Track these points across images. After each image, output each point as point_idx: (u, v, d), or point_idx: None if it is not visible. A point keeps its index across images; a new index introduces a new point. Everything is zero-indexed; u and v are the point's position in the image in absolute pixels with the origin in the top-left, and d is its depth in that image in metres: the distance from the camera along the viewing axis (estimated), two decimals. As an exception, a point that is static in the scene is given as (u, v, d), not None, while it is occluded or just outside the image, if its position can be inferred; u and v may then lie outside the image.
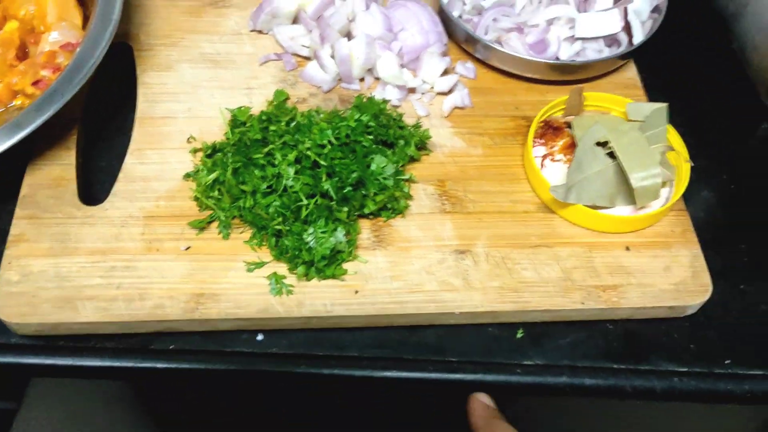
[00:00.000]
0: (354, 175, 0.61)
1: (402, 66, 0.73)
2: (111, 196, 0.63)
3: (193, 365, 0.57)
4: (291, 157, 0.59)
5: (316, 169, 0.61)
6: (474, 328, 0.61)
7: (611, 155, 0.64)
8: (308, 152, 0.60)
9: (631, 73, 0.78)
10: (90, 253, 0.59)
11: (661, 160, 0.64)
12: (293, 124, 0.64)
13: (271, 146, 0.61)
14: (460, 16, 0.77)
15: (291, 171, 0.59)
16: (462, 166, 0.68)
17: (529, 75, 0.74)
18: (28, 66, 0.67)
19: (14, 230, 0.60)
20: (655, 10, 0.77)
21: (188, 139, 0.67)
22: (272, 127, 0.63)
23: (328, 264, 0.59)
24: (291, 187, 0.59)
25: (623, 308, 0.60)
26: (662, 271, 0.62)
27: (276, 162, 0.60)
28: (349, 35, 0.73)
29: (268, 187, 0.59)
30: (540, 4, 0.75)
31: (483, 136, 0.71)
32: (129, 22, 0.76)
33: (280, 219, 0.58)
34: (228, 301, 0.58)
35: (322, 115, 0.66)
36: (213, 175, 0.61)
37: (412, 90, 0.73)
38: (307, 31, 0.74)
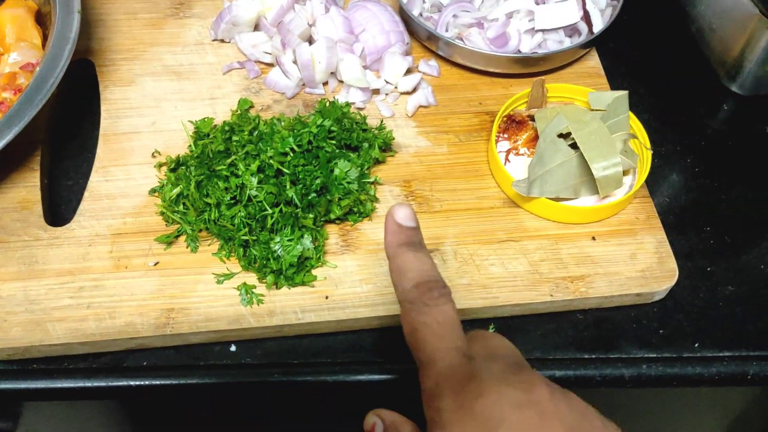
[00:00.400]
0: (318, 181, 0.61)
1: (365, 67, 0.74)
2: (77, 216, 0.63)
3: (167, 381, 0.57)
4: (254, 166, 0.59)
5: (280, 177, 0.61)
6: (446, 326, 0.61)
7: (574, 146, 0.64)
8: (271, 161, 0.60)
9: (593, 62, 0.78)
10: (58, 274, 0.59)
11: (623, 148, 0.64)
12: (255, 133, 0.64)
13: (233, 157, 0.61)
14: (420, 14, 0.77)
15: (254, 180, 0.59)
16: (428, 166, 0.69)
17: (491, 69, 0.74)
18: (-12, 89, 0.67)
19: (-19, 256, 0.60)
20: (614, -4, 0.78)
21: (153, 153, 0.68)
22: (235, 138, 0.63)
23: (296, 271, 0.59)
24: (255, 196, 0.59)
25: (592, 298, 0.61)
26: (628, 259, 0.63)
27: (239, 172, 0.60)
28: (310, 40, 0.74)
29: (232, 198, 0.60)
30: (498, -3, 0.75)
31: (448, 134, 0.71)
32: (89, 38, 0.76)
33: (246, 230, 0.59)
34: (199, 315, 0.58)
35: (284, 123, 0.66)
36: (177, 190, 0.61)
37: (376, 91, 0.74)
38: (269, 37, 0.74)
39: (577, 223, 0.65)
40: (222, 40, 0.77)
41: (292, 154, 0.61)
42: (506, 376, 0.39)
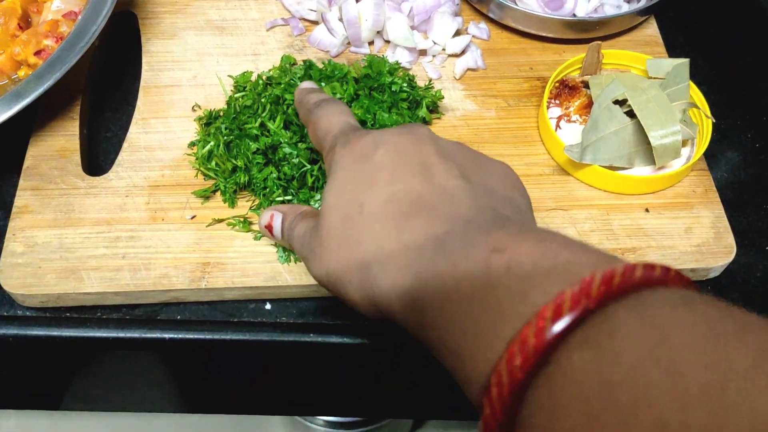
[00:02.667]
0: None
1: (413, 28, 0.71)
2: (115, 166, 0.62)
3: (200, 335, 0.56)
4: (279, 120, 0.57)
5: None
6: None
7: (630, 114, 0.61)
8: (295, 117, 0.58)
9: (651, 30, 0.74)
10: (94, 223, 0.58)
11: (682, 118, 0.61)
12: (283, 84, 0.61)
13: (263, 114, 0.59)
14: (471, -25, 0.74)
15: (288, 137, 0.57)
16: (475, 129, 0.66)
17: (544, 34, 0.71)
18: (31, 35, 0.66)
19: (18, 202, 0.59)
20: (677, -38, 0.74)
21: (193, 107, 0.66)
22: (265, 93, 0.61)
23: (336, 231, 0.57)
24: (290, 154, 0.57)
25: (643, 272, 0.58)
26: (683, 233, 0.60)
27: (271, 131, 0.58)
28: (356, -3, 0.71)
29: (265, 159, 0.58)
30: (555, -42, 0.72)
31: (497, 98, 0.68)
32: (133, -10, 0.75)
33: (280, 191, 0.57)
34: (235, 270, 0.57)
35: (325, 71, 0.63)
36: (207, 148, 0.59)
37: (423, 52, 0.71)
38: (314, -7, 0.72)
39: (630, 193, 0.62)
40: (266, -4, 0.75)
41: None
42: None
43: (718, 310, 0.26)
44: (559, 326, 0.26)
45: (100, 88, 0.70)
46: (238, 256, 0.57)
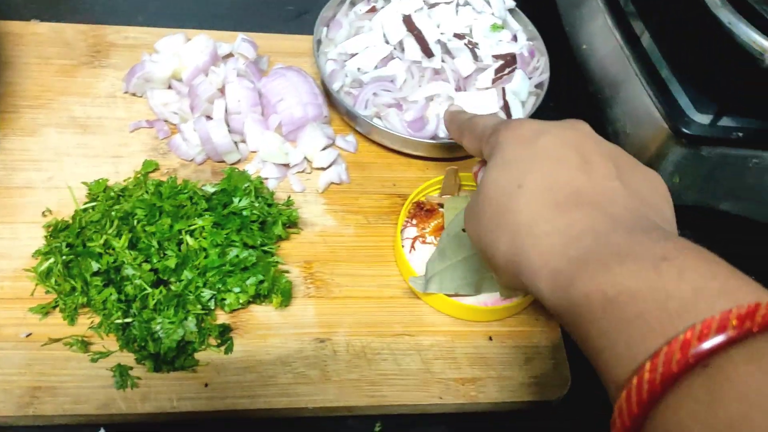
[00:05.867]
0: (209, 267, 0.59)
1: (282, 141, 0.72)
2: (-51, 277, 0.59)
3: (22, 466, 0.53)
4: (124, 240, 0.57)
5: (162, 253, 0.59)
6: (330, 420, 0.59)
7: (479, 241, 0.63)
8: (147, 235, 0.58)
9: (512, 149, 0.78)
10: None
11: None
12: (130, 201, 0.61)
13: (108, 232, 0.58)
14: (341, 88, 0.76)
15: (131, 257, 0.56)
16: (331, 247, 0.67)
17: (408, 151, 0.74)
18: None
19: None
20: (539, 86, 0.78)
21: (44, 212, 0.64)
22: (116, 206, 0.60)
23: (177, 355, 0.57)
24: (132, 275, 0.56)
25: (482, 403, 0.59)
26: (523, 363, 0.62)
27: (115, 249, 0.57)
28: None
29: (105, 280, 0.56)
30: (422, 79, 0.75)
31: (357, 215, 0.70)
32: (-6, 81, 0.73)
33: (119, 314, 0.56)
34: (66, 396, 0.55)
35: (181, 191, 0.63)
36: (47, 265, 0.57)
37: (287, 164, 0.72)
38: (179, 98, 0.72)
39: (475, 320, 0.64)
40: (134, 94, 0.74)
41: (168, 230, 0.59)
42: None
43: None
44: (722, 337, 0.29)
45: (-54, 185, 0.67)
46: (71, 380, 0.55)
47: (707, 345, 0.29)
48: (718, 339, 0.29)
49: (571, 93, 0.83)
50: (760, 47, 0.62)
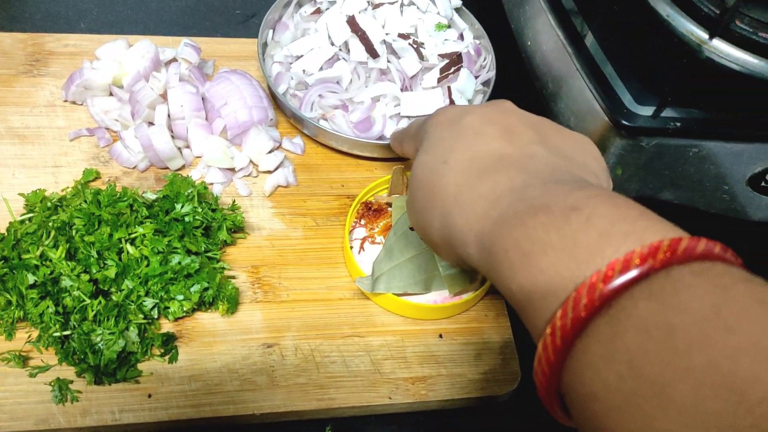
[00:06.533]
0: (151, 277, 0.57)
1: (227, 145, 0.71)
2: None
3: (-42, 488, 0.51)
4: (61, 250, 0.55)
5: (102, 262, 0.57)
6: (280, 426, 0.58)
7: (427, 239, 0.63)
8: (86, 245, 0.57)
9: (461, 147, 0.78)
10: None
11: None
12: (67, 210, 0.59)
13: (45, 243, 0.56)
14: (287, 91, 0.75)
15: (69, 268, 0.55)
16: (279, 250, 0.66)
17: (355, 152, 0.73)
18: None
19: None
20: (486, 83, 0.78)
21: (-22, 225, 0.63)
22: (54, 216, 0.59)
23: (118, 366, 0.55)
24: (70, 287, 0.55)
25: (432, 401, 0.59)
26: (473, 359, 0.62)
27: (52, 260, 0.55)
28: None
29: (42, 292, 0.55)
30: (368, 79, 0.75)
31: (305, 217, 0.69)
32: (-73, 92, 0.71)
33: (57, 326, 0.54)
34: (3, 413, 0.53)
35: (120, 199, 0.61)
36: (-21, 279, 0.56)
37: (232, 168, 0.71)
38: (120, 105, 0.71)
39: (425, 319, 0.63)
40: (74, 102, 0.73)
41: (108, 239, 0.57)
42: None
43: (766, 288, 0.29)
44: (625, 277, 0.29)
45: None
46: (9, 396, 0.54)
47: (611, 286, 0.29)
48: (622, 279, 0.29)
49: (518, 89, 0.83)
50: (698, 39, 0.63)
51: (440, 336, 0.63)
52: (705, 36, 0.62)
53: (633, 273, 0.29)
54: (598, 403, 0.29)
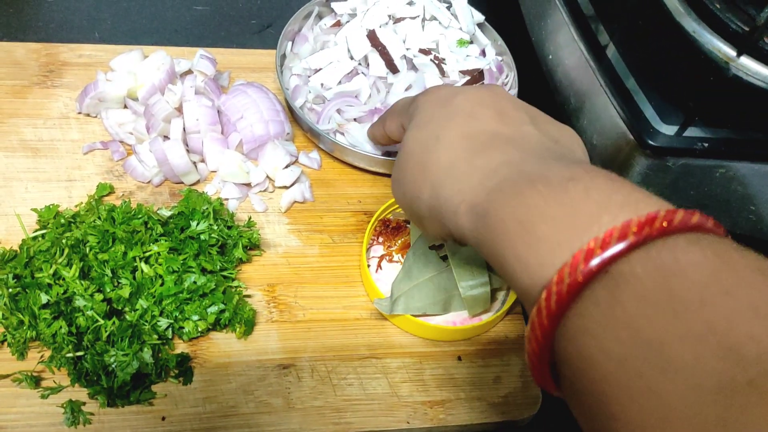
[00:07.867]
0: (166, 298, 0.56)
1: (243, 159, 0.70)
2: None
3: None
4: (75, 269, 0.54)
5: (117, 283, 0.56)
6: (296, 451, 0.57)
7: (446, 258, 0.62)
8: (100, 263, 0.56)
9: (479, 163, 0.77)
10: None
11: (494, 266, 0.62)
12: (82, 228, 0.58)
13: (59, 261, 0.55)
14: (305, 104, 0.74)
15: (83, 288, 0.54)
16: (296, 268, 0.65)
17: (371, 168, 0.72)
18: None
19: None
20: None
21: (-9, 241, 0.62)
22: (67, 233, 0.58)
23: (132, 388, 0.54)
24: (84, 307, 0.53)
25: (451, 426, 0.58)
26: (492, 383, 0.60)
27: (65, 279, 0.54)
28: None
29: (57, 309, 0.54)
30: (387, 94, 0.73)
31: (322, 234, 0.68)
32: (-60, 103, 0.70)
33: (69, 347, 0.53)
34: (14, 435, 0.52)
35: (136, 215, 0.60)
36: (-8, 298, 0.55)
37: (248, 183, 0.70)
38: (135, 117, 0.70)
39: (444, 340, 0.62)
40: (88, 115, 0.72)
41: (122, 258, 0.56)
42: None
43: (758, 258, 0.30)
44: (623, 244, 0.30)
45: None
46: (20, 418, 0.53)
47: (609, 253, 0.30)
48: (620, 246, 0.30)
49: (539, 104, 0.81)
50: (725, 56, 0.61)
51: (459, 358, 0.61)
52: (733, 53, 0.61)
53: (630, 240, 0.30)
54: (594, 369, 0.29)
